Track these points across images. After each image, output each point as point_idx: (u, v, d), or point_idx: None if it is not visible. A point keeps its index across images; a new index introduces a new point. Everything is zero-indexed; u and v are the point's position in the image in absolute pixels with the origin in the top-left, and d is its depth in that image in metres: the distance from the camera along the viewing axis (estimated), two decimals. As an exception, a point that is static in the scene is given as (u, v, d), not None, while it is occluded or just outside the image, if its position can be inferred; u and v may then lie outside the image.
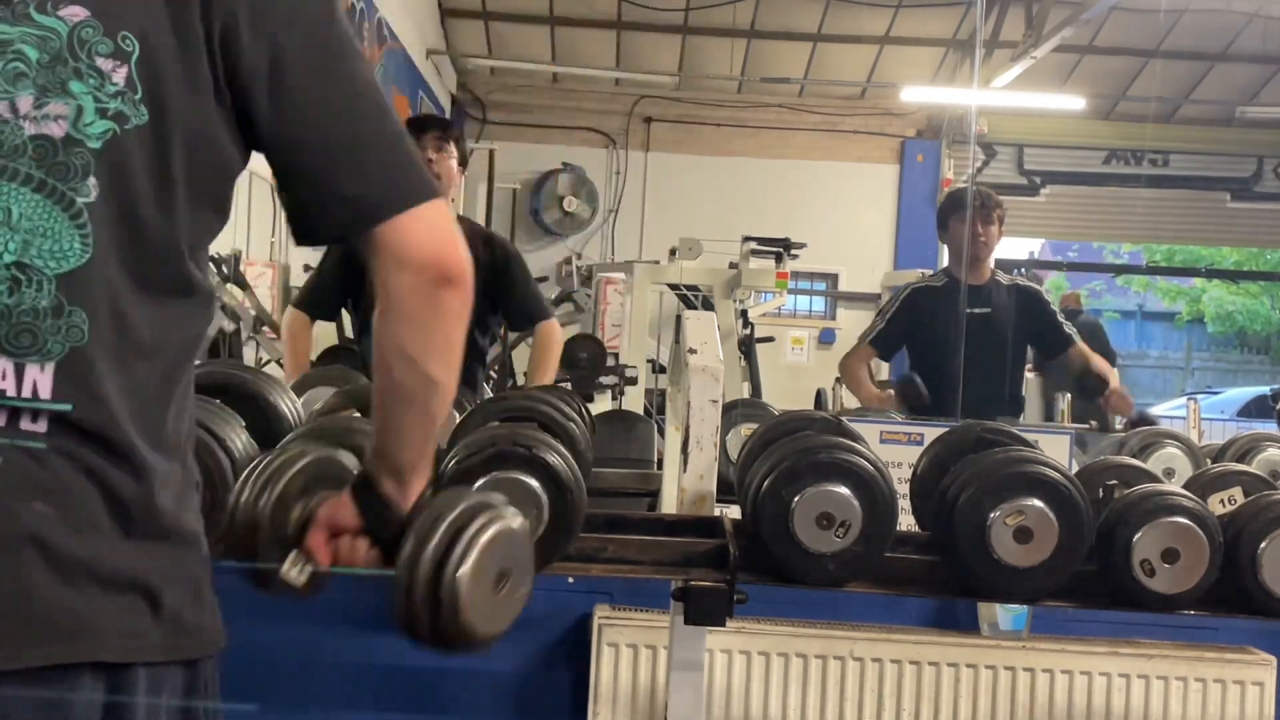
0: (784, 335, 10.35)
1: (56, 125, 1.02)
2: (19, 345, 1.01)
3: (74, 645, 1.02)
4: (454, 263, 1.15)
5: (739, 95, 10.60)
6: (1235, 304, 19.95)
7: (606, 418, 3.42)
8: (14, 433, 1.01)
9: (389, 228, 1.12)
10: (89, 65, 1.03)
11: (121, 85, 1.04)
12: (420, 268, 1.13)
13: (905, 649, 2.65)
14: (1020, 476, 1.86)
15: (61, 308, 1.02)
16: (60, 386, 1.02)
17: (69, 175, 1.02)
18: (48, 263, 1.02)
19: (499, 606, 1.23)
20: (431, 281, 1.14)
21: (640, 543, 1.91)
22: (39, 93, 1.02)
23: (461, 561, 1.17)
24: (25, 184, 1.01)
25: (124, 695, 1.05)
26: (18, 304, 1.01)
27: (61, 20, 1.03)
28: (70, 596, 1.01)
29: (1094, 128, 10.79)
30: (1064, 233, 13.39)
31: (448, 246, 1.15)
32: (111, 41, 1.04)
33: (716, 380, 1.98)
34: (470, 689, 2.66)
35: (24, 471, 1.01)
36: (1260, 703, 2.64)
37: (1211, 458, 2.88)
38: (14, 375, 1.01)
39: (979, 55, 9.44)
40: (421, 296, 1.14)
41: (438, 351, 1.17)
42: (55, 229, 1.02)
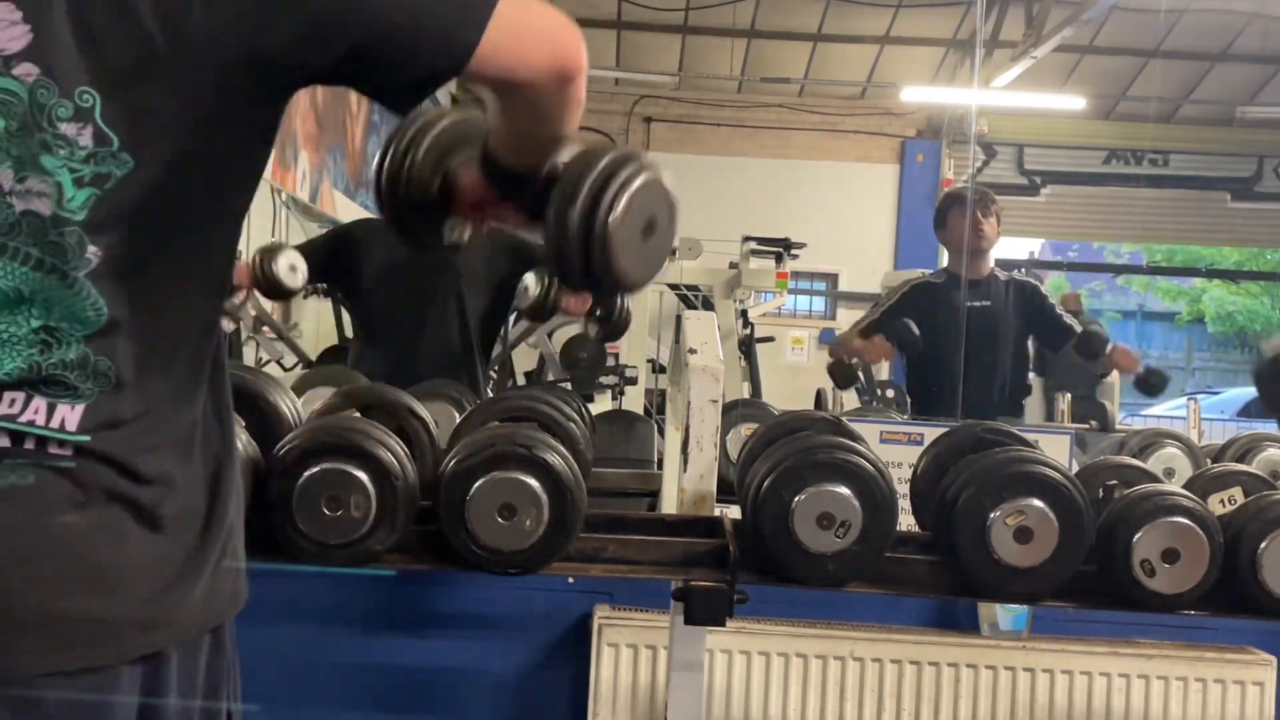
0: (784, 335, 10.35)
1: (41, 203, 1.00)
2: (52, 391, 1.04)
3: (105, 648, 1.04)
4: (558, 61, 1.13)
5: (739, 95, 10.60)
6: (1235, 304, 19.95)
7: (606, 418, 3.42)
8: (44, 455, 1.04)
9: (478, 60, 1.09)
10: (54, 134, 0.99)
11: (91, 146, 1.00)
12: (527, 83, 1.12)
13: (905, 649, 2.65)
14: (1020, 476, 1.86)
15: (88, 359, 1.04)
16: (85, 422, 1.04)
17: (66, 255, 1.02)
18: (72, 327, 1.04)
19: (647, 254, 1.24)
20: (554, 85, 1.13)
21: (640, 543, 1.91)
22: (17, 166, 0.99)
23: (612, 207, 1.19)
24: (25, 263, 1.01)
25: (158, 681, 1.08)
26: (48, 359, 1.03)
27: (17, 80, 0.99)
28: (100, 603, 1.04)
29: (1094, 128, 10.79)
30: (1064, 233, 13.40)
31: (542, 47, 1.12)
32: (70, 102, 0.99)
33: (716, 380, 1.98)
34: (470, 689, 2.66)
35: (54, 487, 1.03)
36: (1260, 703, 2.64)
37: (1211, 458, 2.88)
38: (45, 411, 1.03)
39: (979, 55, 9.43)
40: (548, 98, 1.14)
41: (568, 119, 1.19)
42: (67, 301, 1.03)
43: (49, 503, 1.03)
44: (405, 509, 1.79)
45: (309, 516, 1.74)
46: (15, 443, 1.03)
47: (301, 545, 1.75)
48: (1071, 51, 9.76)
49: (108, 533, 1.05)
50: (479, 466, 1.79)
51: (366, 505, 1.75)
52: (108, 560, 1.05)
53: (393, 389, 2.21)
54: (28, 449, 1.03)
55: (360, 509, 1.75)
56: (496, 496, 1.77)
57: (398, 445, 1.84)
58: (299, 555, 1.75)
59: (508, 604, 2.65)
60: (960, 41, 10.03)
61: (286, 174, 6.18)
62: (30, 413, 1.03)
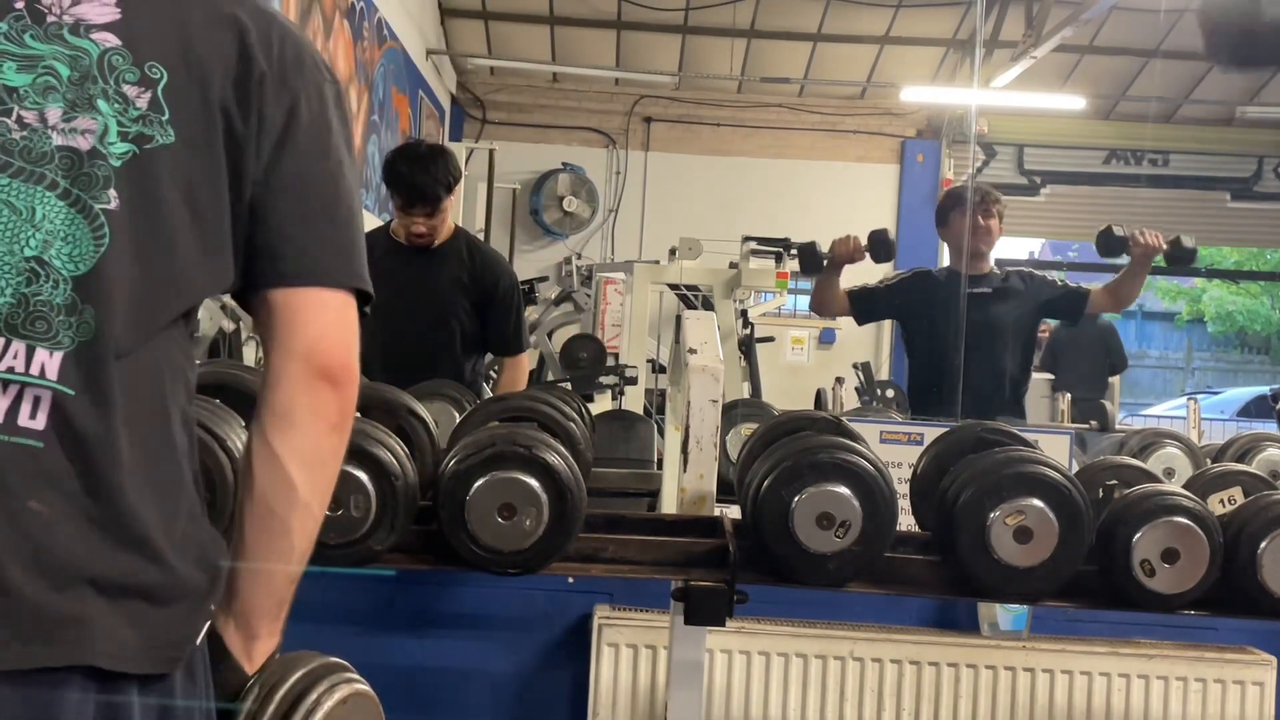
0: (784, 335, 10.34)
1: (83, 139, 1.07)
2: (33, 331, 1.04)
3: (61, 648, 1.01)
4: (341, 361, 1.16)
5: (739, 95, 10.59)
6: (1235, 304, 19.93)
7: (606, 418, 3.42)
8: (12, 429, 1.02)
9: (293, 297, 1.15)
10: (115, 90, 1.08)
11: (145, 109, 1.09)
12: (307, 355, 1.15)
13: (905, 649, 2.65)
14: (1020, 476, 1.86)
15: (75, 305, 1.05)
16: (65, 372, 1.04)
17: (92, 185, 1.07)
18: (65, 264, 1.05)
19: None
20: (313, 372, 1.15)
21: (640, 543, 1.91)
22: (67, 106, 1.07)
23: None
24: (50, 189, 1.06)
25: (118, 697, 1.04)
26: (35, 293, 1.04)
27: (93, 43, 1.09)
28: (60, 599, 1.01)
29: (1094, 128, 10.78)
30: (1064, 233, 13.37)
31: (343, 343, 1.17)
32: (138, 70, 1.10)
33: (716, 380, 1.98)
34: (470, 689, 2.66)
35: (20, 470, 1.02)
36: (1260, 703, 2.64)
37: (1211, 458, 2.88)
38: (25, 356, 1.04)
39: (979, 55, 9.42)
40: (300, 387, 1.15)
41: (304, 455, 1.15)
42: (74, 233, 1.06)
43: (14, 485, 1.01)
44: (405, 509, 1.79)
45: (309, 516, 1.73)
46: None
47: (301, 545, 1.74)
48: (1071, 51, 9.75)
49: (72, 526, 1.03)
50: (479, 466, 1.79)
51: (366, 505, 1.75)
52: (71, 556, 1.02)
53: (393, 389, 2.21)
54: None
55: (360, 509, 1.75)
56: (496, 496, 1.77)
57: (398, 445, 1.84)
58: (299, 555, 1.75)
59: (508, 604, 2.65)
60: (960, 41, 10.03)
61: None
62: (9, 358, 1.03)
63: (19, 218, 1.04)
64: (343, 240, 1.19)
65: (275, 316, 1.16)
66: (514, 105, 10.37)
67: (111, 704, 1.04)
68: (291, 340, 1.15)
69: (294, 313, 1.15)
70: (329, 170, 1.19)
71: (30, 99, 1.06)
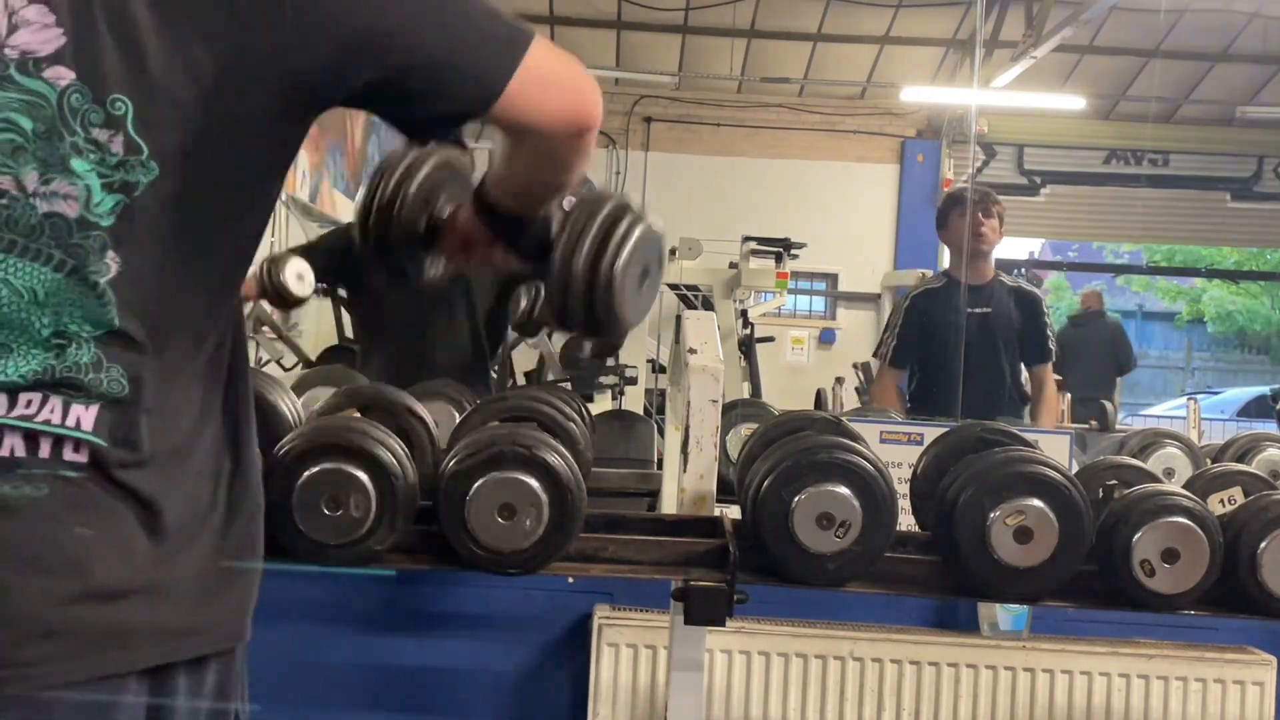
0: (784, 335, 10.35)
1: (67, 205, 1.01)
2: (67, 391, 1.05)
3: (113, 656, 1.05)
4: (575, 112, 1.16)
5: (739, 95, 10.60)
6: (1235, 304, 19.95)
7: (606, 418, 3.42)
8: (57, 462, 1.04)
9: (501, 105, 1.11)
10: (86, 139, 1.01)
11: (121, 154, 1.01)
12: (544, 131, 1.16)
13: (905, 649, 2.65)
14: (1020, 476, 1.86)
15: (101, 363, 1.05)
16: (100, 424, 1.05)
17: (87, 257, 1.03)
18: (83, 328, 1.04)
19: (641, 299, 1.31)
20: (569, 135, 1.17)
21: (640, 543, 1.90)
22: (42, 168, 1.00)
23: (616, 258, 1.24)
24: (46, 263, 1.02)
25: (165, 698, 1.09)
26: (62, 361, 1.04)
27: (47, 83, 0.99)
28: (110, 613, 1.05)
29: (1094, 128, 10.79)
30: (1064, 233, 13.40)
31: (561, 97, 1.15)
32: (102, 110, 1.00)
33: (716, 380, 1.98)
34: (470, 689, 2.66)
35: (65, 498, 1.04)
36: (1260, 703, 2.64)
37: (1211, 458, 2.88)
38: (61, 409, 1.04)
39: (979, 55, 9.43)
40: (561, 147, 1.18)
41: (575, 170, 1.22)
42: (83, 303, 1.04)
43: (62, 515, 1.04)
44: (405, 509, 1.79)
45: (309, 516, 1.74)
46: (30, 450, 1.03)
47: (301, 545, 1.75)
48: (1071, 51, 9.76)
49: (118, 546, 1.06)
50: (479, 466, 1.79)
51: (366, 505, 1.75)
52: (118, 573, 1.05)
53: (393, 389, 2.21)
54: (42, 457, 1.04)
55: (360, 509, 1.75)
56: (496, 496, 1.77)
57: (398, 445, 1.84)
58: (299, 555, 1.75)
59: (508, 604, 2.65)
60: (960, 41, 10.03)
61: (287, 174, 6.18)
62: (46, 412, 1.04)
63: (22, 300, 1.02)
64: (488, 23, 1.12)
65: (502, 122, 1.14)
66: (514, 105, 10.37)
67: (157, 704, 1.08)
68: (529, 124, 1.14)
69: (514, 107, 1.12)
70: None
71: (0, 162, 0.99)
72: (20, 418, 1.03)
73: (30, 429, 1.03)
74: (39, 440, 1.04)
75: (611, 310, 1.26)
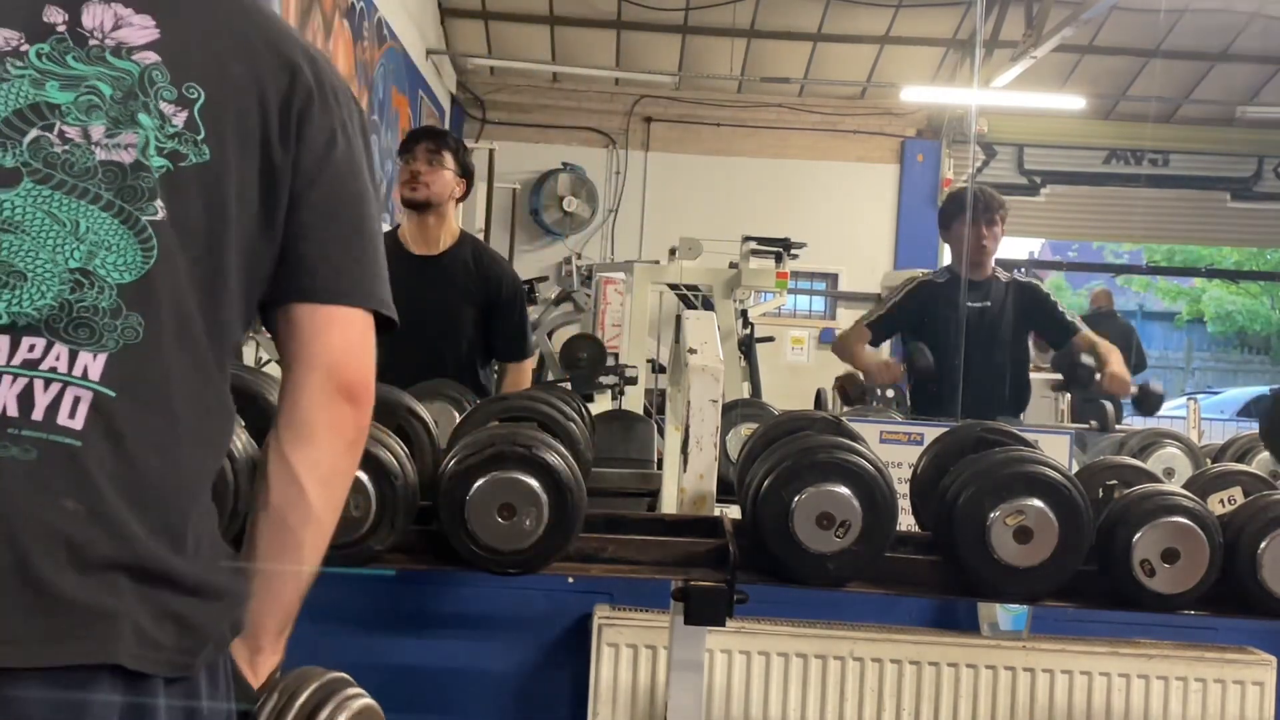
0: (784, 335, 10.34)
1: (126, 153, 1.10)
2: (76, 336, 1.05)
3: (93, 646, 1.02)
4: (359, 378, 1.19)
5: (739, 95, 10.59)
6: (1235, 304, 19.94)
7: (606, 418, 3.42)
8: (51, 427, 1.03)
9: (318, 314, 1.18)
10: (155, 106, 1.11)
11: (180, 127, 1.11)
12: (329, 371, 1.17)
13: (905, 649, 2.65)
14: (1020, 476, 1.86)
15: (120, 310, 1.07)
16: (109, 374, 1.05)
17: (137, 196, 1.09)
18: (110, 273, 1.07)
19: None
20: (333, 387, 1.17)
21: (640, 543, 1.91)
22: (111, 124, 1.10)
23: None
24: (94, 202, 1.08)
25: (144, 698, 1.05)
26: (79, 299, 1.06)
27: (134, 63, 1.12)
28: (94, 597, 1.02)
29: (1094, 128, 10.78)
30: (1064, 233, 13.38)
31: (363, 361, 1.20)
32: (176, 90, 1.12)
33: (716, 380, 1.98)
34: (470, 689, 2.66)
35: (57, 468, 1.02)
36: (1260, 703, 2.64)
37: (1211, 458, 2.88)
38: (67, 358, 1.05)
39: (979, 55, 9.42)
40: (319, 401, 1.17)
41: (320, 470, 1.18)
42: (120, 244, 1.08)
43: (50, 483, 1.01)
44: (405, 509, 1.79)
45: (309, 516, 1.73)
46: (23, 410, 1.02)
47: (301, 545, 1.74)
48: (1071, 51, 9.75)
49: (107, 524, 1.03)
50: (479, 466, 1.79)
51: (366, 505, 1.75)
52: (105, 554, 1.02)
53: (393, 389, 2.21)
54: (35, 419, 1.02)
55: (360, 509, 1.75)
56: (496, 496, 1.77)
57: (398, 445, 1.84)
58: (299, 555, 1.75)
59: (508, 604, 2.65)
60: (960, 41, 10.03)
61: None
62: (51, 359, 1.04)
63: (63, 229, 1.06)
64: (369, 262, 1.22)
65: (299, 331, 1.18)
66: (514, 105, 10.37)
67: (137, 704, 1.04)
68: (314, 356, 1.18)
69: (319, 329, 1.18)
70: (359, 194, 1.23)
71: (73, 115, 1.09)
72: (23, 364, 1.03)
73: (32, 378, 1.02)
74: (34, 398, 1.02)
75: None
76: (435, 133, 3.80)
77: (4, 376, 1.02)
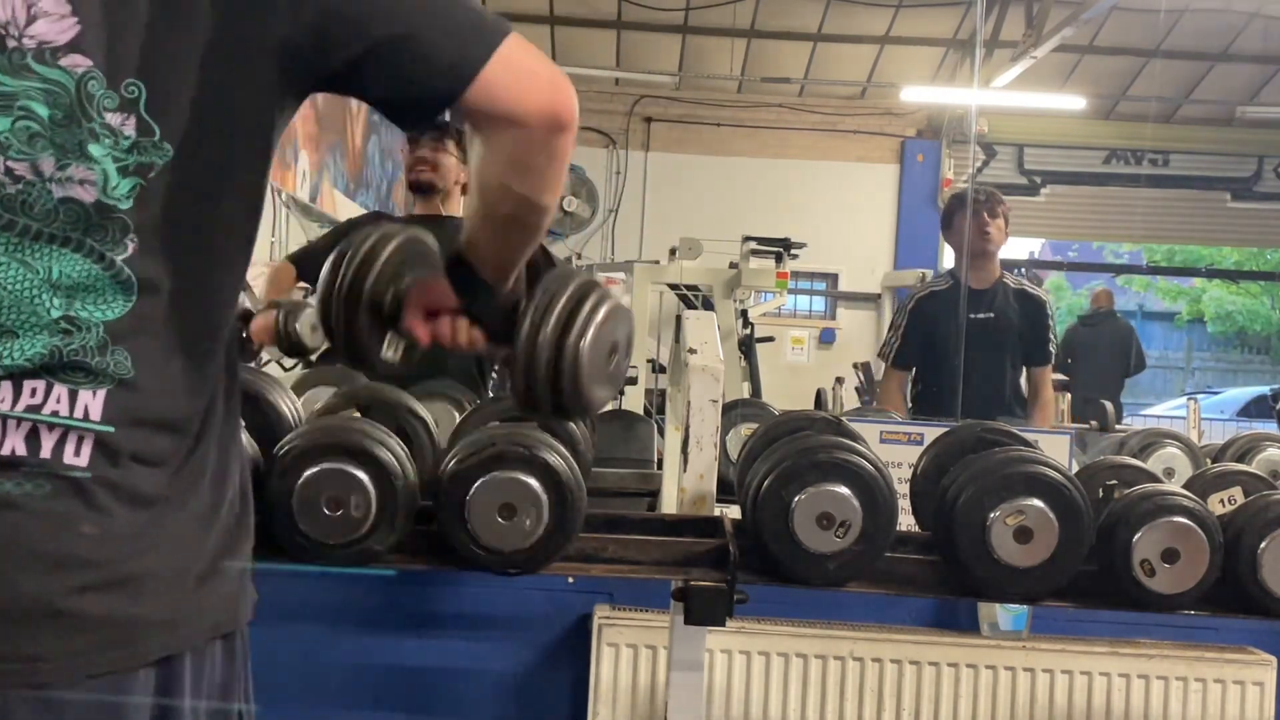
0: (784, 335, 10.35)
1: (84, 190, 1.03)
2: (73, 377, 1.05)
3: (125, 652, 1.06)
4: (552, 105, 1.15)
5: (739, 95, 10.60)
6: (1235, 304, 19.94)
7: (606, 418, 3.41)
8: (59, 465, 1.04)
9: (476, 89, 1.11)
10: (101, 124, 1.03)
11: (134, 136, 1.04)
12: (521, 120, 1.14)
13: (905, 649, 2.65)
14: (1020, 476, 1.86)
15: (107, 346, 1.06)
16: (108, 410, 1.06)
17: (106, 238, 1.05)
18: (94, 313, 1.05)
19: (609, 376, 1.28)
20: (535, 132, 1.15)
21: (640, 543, 1.90)
22: (59, 154, 1.02)
23: (582, 334, 1.22)
24: (64, 245, 1.04)
25: (172, 683, 1.10)
26: (68, 344, 1.05)
27: (65, 71, 1.02)
28: (121, 609, 1.06)
29: (1094, 128, 10.79)
30: (1064, 233, 13.39)
31: (539, 88, 1.15)
32: (116, 94, 1.03)
33: (716, 380, 1.98)
34: (470, 689, 2.66)
35: (70, 498, 1.04)
36: (1260, 703, 2.64)
37: (1211, 458, 2.88)
38: (68, 400, 1.05)
39: (979, 55, 9.43)
40: (527, 148, 1.16)
41: (550, 188, 1.21)
42: (98, 285, 1.05)
43: (66, 512, 1.04)
44: (405, 509, 1.79)
45: (309, 516, 1.74)
46: (31, 450, 1.04)
47: (301, 545, 1.75)
48: (1071, 51, 9.75)
49: (122, 541, 1.06)
50: (479, 466, 1.79)
51: (366, 505, 1.75)
52: (124, 567, 1.06)
53: (393, 389, 2.21)
54: (43, 458, 1.04)
55: (360, 509, 1.75)
56: (496, 496, 1.77)
57: (398, 445, 1.84)
58: (299, 555, 1.75)
59: (508, 604, 2.65)
60: (960, 41, 10.03)
61: (287, 174, 6.18)
62: (53, 403, 1.04)
63: (36, 277, 1.03)
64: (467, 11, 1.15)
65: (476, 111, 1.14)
66: (514, 105, 10.37)
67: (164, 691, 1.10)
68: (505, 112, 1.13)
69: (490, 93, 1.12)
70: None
71: (14, 148, 1.01)
72: (27, 409, 1.03)
73: (36, 422, 1.03)
74: (40, 439, 1.04)
75: (578, 391, 1.23)
76: (436, 124, 3.81)
77: (9, 421, 1.03)
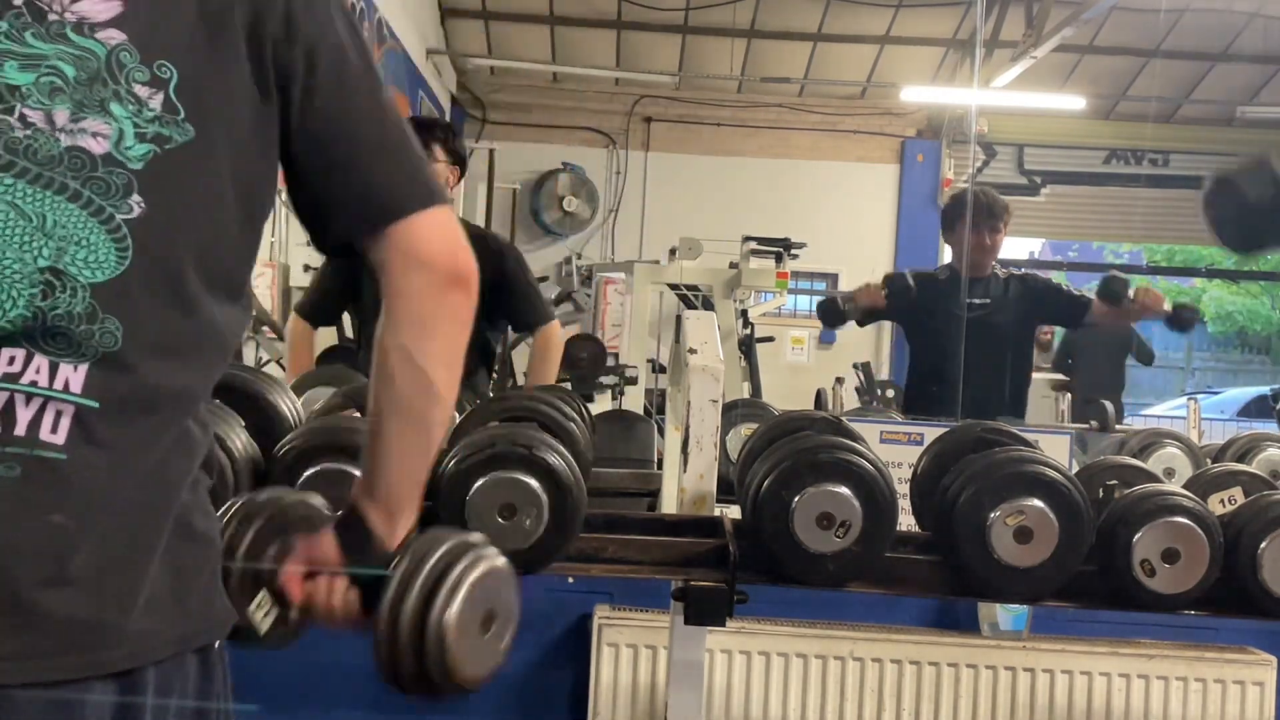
0: (784, 335, 10.34)
1: (95, 141, 1.04)
2: (54, 346, 1.03)
3: (87, 657, 1.02)
4: (464, 265, 1.19)
5: (739, 95, 10.59)
6: (1235, 304, 19.94)
7: (606, 418, 3.41)
8: (33, 443, 1.01)
9: (403, 227, 1.17)
10: (127, 90, 1.06)
11: (159, 110, 1.06)
12: (431, 267, 1.17)
13: (905, 649, 2.66)
14: (1020, 476, 1.86)
15: (95, 314, 1.03)
16: (90, 385, 1.03)
17: (108, 192, 1.04)
18: (81, 271, 1.03)
19: (485, 649, 1.22)
20: (441, 281, 1.18)
21: (640, 543, 1.91)
22: (75, 108, 1.04)
23: (448, 603, 1.15)
24: (60, 193, 1.03)
25: (134, 696, 1.05)
26: (51, 307, 1.02)
27: (99, 42, 1.05)
28: (86, 609, 1.01)
29: (1094, 128, 10.78)
30: (1064, 233, 13.38)
31: (458, 249, 1.20)
32: (148, 70, 1.07)
33: (716, 380, 1.98)
34: (470, 689, 2.66)
35: (42, 484, 1.01)
36: (1260, 703, 2.64)
37: (1211, 458, 2.88)
38: (48, 371, 1.02)
39: (979, 55, 9.42)
40: (431, 297, 1.18)
41: (442, 357, 1.20)
42: (91, 240, 1.03)
43: (36, 499, 1.00)
44: (405, 509, 1.79)
45: (309, 516, 1.73)
46: (6, 426, 1.00)
47: (301, 545, 1.74)
48: (1071, 51, 9.75)
49: (94, 537, 1.02)
50: (479, 466, 1.79)
51: (366, 505, 1.75)
52: (93, 566, 1.02)
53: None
54: (17, 435, 1.00)
55: (360, 509, 1.74)
56: (496, 496, 1.77)
57: (398, 445, 1.83)
58: (299, 555, 1.75)
59: (508, 604, 2.65)
60: (960, 41, 10.03)
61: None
62: (32, 372, 1.01)
63: (29, 224, 1.01)
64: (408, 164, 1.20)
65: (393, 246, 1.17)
66: (514, 105, 10.37)
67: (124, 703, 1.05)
68: (420, 256, 1.18)
69: (414, 235, 1.17)
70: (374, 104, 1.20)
71: (34, 98, 1.02)
72: (4, 378, 1.00)
73: (13, 392, 1.00)
74: (15, 414, 1.01)
75: (446, 668, 1.16)
76: (426, 123, 3.81)
77: None
